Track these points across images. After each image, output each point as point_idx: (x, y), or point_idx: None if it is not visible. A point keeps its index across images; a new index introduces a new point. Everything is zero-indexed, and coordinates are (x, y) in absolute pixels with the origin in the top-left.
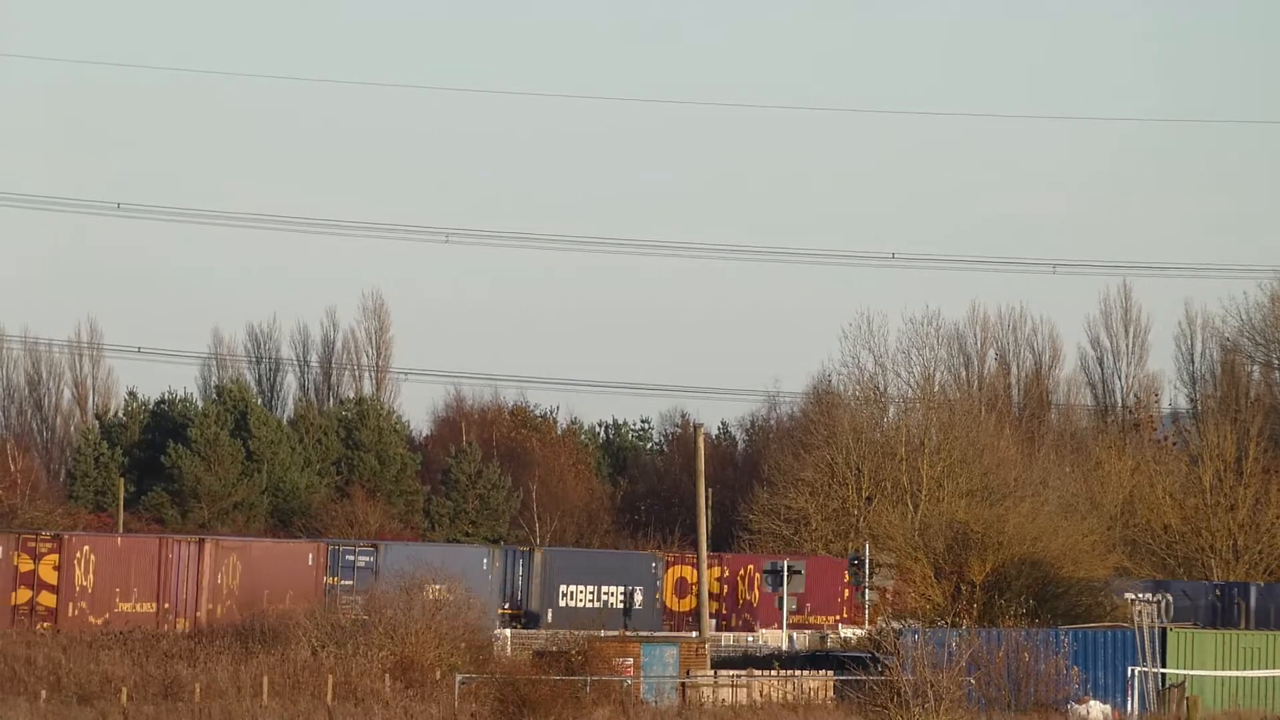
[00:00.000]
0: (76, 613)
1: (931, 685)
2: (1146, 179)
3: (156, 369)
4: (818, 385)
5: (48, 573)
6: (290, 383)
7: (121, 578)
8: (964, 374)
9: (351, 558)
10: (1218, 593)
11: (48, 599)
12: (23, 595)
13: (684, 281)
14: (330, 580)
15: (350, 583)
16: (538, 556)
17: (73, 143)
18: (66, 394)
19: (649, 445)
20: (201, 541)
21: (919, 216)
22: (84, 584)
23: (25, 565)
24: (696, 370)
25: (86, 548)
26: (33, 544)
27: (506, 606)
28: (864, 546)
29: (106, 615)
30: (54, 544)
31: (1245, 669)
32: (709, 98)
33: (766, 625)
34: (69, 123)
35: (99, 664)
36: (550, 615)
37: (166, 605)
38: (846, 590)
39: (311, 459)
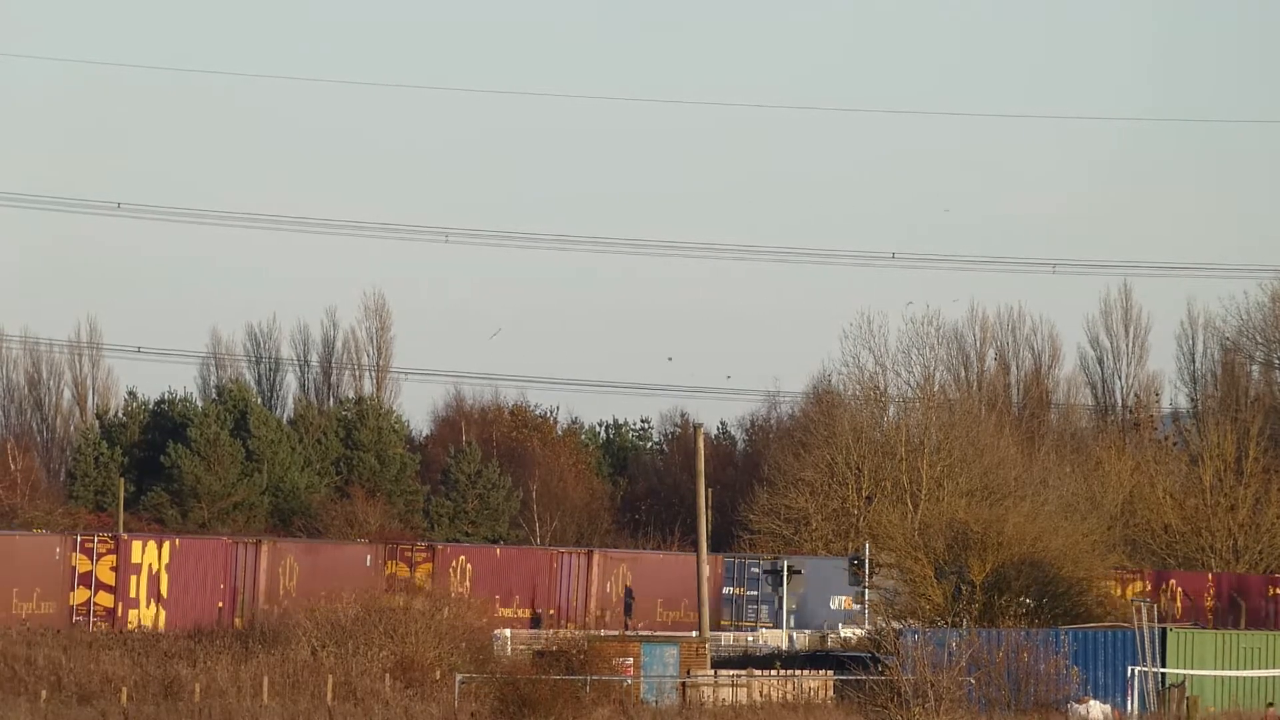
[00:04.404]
0: (450, 617)
1: (931, 685)
2: (1146, 178)
3: (156, 369)
4: (818, 385)
5: (423, 580)
6: (290, 383)
7: (501, 585)
8: (964, 374)
9: (756, 570)
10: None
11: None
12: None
13: (684, 281)
14: (735, 590)
15: (755, 593)
16: None
17: (73, 143)
18: (66, 394)
19: (649, 445)
20: (590, 552)
21: (919, 216)
22: (459, 591)
23: (402, 572)
24: (696, 370)
25: (463, 557)
26: (409, 553)
27: None
28: (864, 546)
29: (484, 620)
30: (428, 554)
31: (1245, 669)
32: (709, 98)
33: None
34: (69, 123)
35: (99, 664)
36: None
37: (552, 611)
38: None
39: (311, 459)
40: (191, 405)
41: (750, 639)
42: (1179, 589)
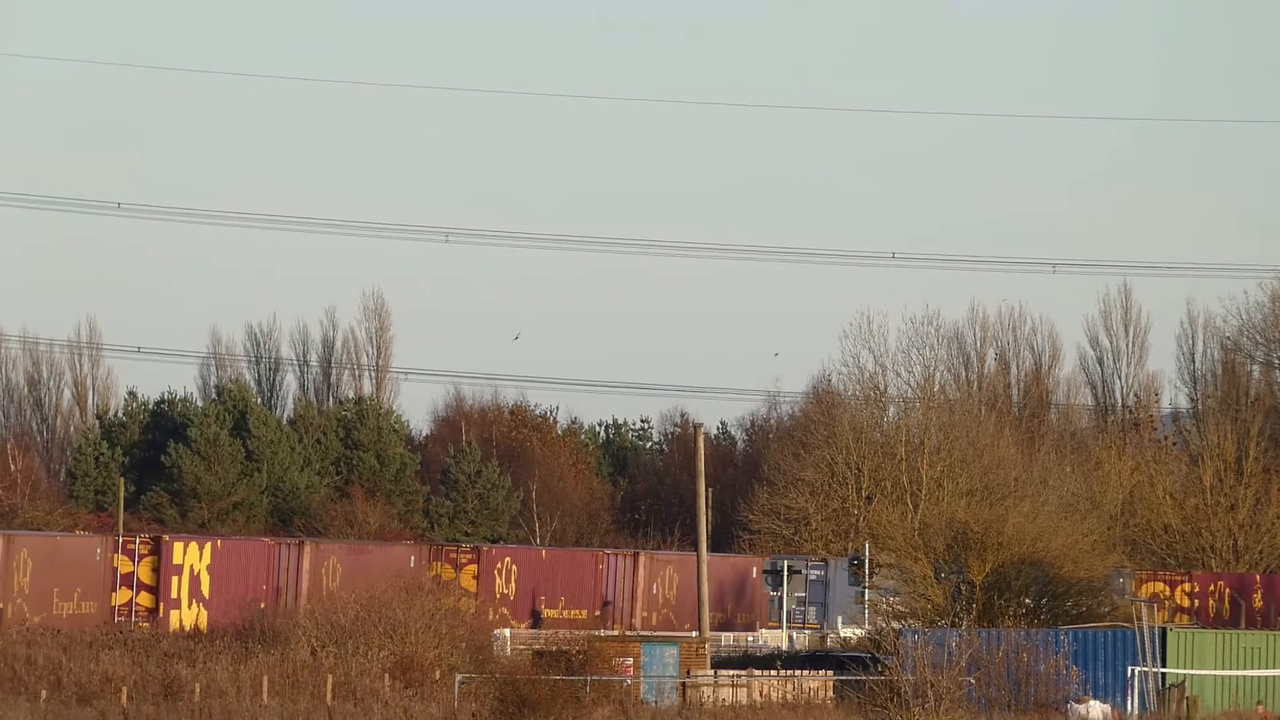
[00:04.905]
0: (497, 617)
1: (931, 685)
2: (1146, 179)
3: (156, 369)
4: (818, 385)
5: (468, 581)
6: (290, 383)
7: (547, 587)
8: (964, 374)
9: (801, 572)
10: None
11: (466, 605)
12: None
13: (685, 281)
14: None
15: (802, 594)
16: None
17: (73, 143)
18: (66, 394)
19: (649, 445)
20: (636, 554)
21: (919, 216)
22: (504, 591)
23: (447, 573)
24: (696, 370)
25: (508, 559)
26: (454, 554)
27: None
28: (864, 546)
29: (528, 621)
30: (473, 555)
31: (1245, 669)
32: (709, 98)
33: None
34: (69, 122)
35: (99, 664)
36: None
37: (597, 612)
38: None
39: (311, 459)
40: (191, 405)
41: (750, 639)
42: (1227, 590)
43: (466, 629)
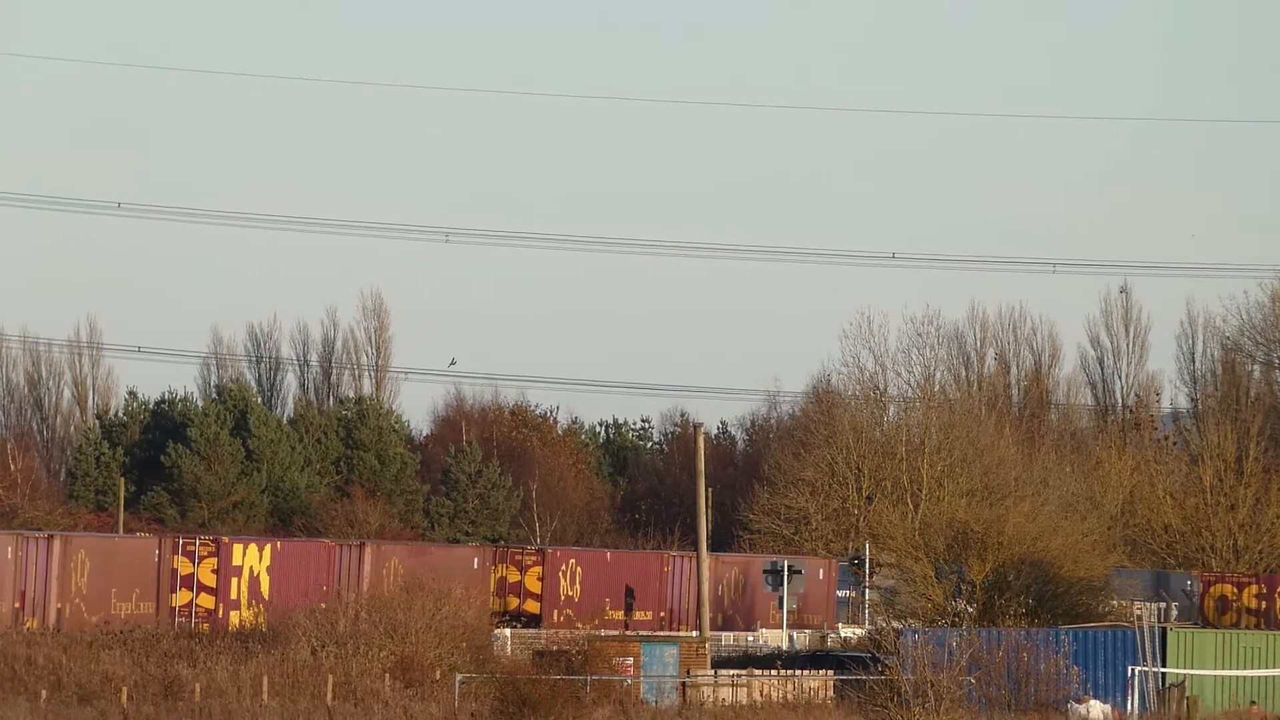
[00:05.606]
0: (562, 619)
1: (931, 685)
2: (1146, 179)
3: (156, 369)
4: (818, 385)
5: (532, 583)
6: (290, 382)
7: (612, 589)
8: (964, 374)
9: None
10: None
11: (532, 606)
12: (510, 602)
13: (685, 281)
14: (852, 594)
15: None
16: None
17: (73, 143)
18: (66, 394)
19: (649, 445)
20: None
21: (919, 216)
22: (569, 594)
23: (513, 576)
24: (696, 370)
25: (572, 560)
26: (519, 556)
27: None
28: (864, 546)
29: (596, 621)
30: (538, 557)
31: (1245, 669)
32: (709, 98)
33: None
34: (69, 122)
35: (99, 664)
36: None
37: (663, 614)
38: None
39: (311, 458)
40: (192, 405)
41: (750, 639)
42: None
43: (466, 629)
